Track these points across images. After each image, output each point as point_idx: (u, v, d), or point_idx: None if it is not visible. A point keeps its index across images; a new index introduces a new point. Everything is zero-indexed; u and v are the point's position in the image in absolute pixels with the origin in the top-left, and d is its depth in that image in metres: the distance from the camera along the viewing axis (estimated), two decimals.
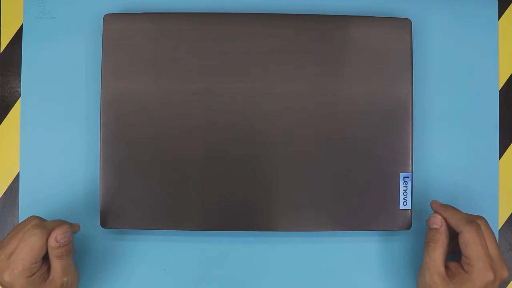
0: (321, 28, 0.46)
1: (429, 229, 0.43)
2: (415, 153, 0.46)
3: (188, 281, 0.47)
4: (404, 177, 0.45)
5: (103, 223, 0.45)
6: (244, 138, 0.45)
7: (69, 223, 0.42)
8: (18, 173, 0.47)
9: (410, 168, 0.45)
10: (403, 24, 0.46)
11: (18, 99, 0.48)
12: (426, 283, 0.41)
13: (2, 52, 0.49)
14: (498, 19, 0.50)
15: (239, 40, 0.45)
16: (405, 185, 0.45)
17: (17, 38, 0.48)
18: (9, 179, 0.48)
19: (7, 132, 0.48)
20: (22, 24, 0.48)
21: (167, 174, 0.45)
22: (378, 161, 0.45)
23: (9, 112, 0.48)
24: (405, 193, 0.45)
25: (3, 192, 0.48)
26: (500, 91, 0.49)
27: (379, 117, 0.45)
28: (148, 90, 0.45)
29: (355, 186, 0.45)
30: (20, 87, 0.48)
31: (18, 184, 0.47)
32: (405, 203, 0.45)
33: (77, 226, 0.43)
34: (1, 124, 0.48)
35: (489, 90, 0.49)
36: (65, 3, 0.48)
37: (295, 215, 0.45)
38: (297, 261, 0.47)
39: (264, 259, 0.47)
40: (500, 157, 0.49)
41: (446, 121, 0.48)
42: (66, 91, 0.48)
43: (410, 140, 0.45)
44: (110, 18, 0.45)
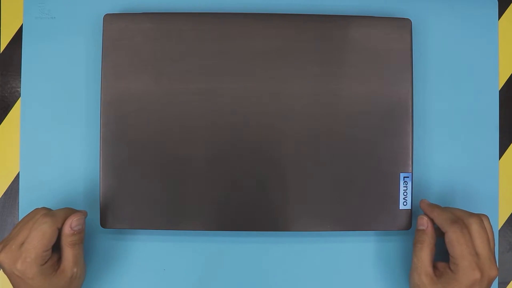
0: (321, 28, 0.46)
1: (417, 230, 0.43)
2: (415, 153, 0.46)
3: (188, 281, 0.47)
4: (404, 177, 0.45)
5: (103, 223, 0.45)
6: (244, 138, 0.45)
7: (77, 210, 0.43)
8: (18, 173, 0.47)
9: (410, 168, 0.45)
10: (403, 24, 0.46)
11: (18, 99, 0.48)
12: (415, 284, 0.42)
13: (2, 52, 0.49)
14: (498, 19, 0.50)
15: (239, 40, 0.45)
16: (405, 185, 0.45)
17: (17, 38, 0.48)
18: (9, 179, 0.48)
19: (7, 132, 0.48)
20: (22, 24, 0.48)
21: (167, 174, 0.45)
22: (378, 161, 0.45)
23: (9, 112, 0.48)
24: (405, 193, 0.45)
25: (3, 192, 0.48)
26: (500, 91, 0.49)
27: (379, 117, 0.45)
28: (148, 90, 0.45)
29: (355, 186, 0.45)
30: (20, 87, 0.48)
31: (18, 184, 0.47)
32: (405, 203, 0.45)
33: (85, 213, 0.44)
34: (1, 124, 0.48)
35: (489, 90, 0.49)
36: (65, 3, 0.48)
37: (295, 215, 0.45)
38: (297, 261, 0.47)
39: (264, 259, 0.47)
40: (500, 157, 0.49)
41: (446, 121, 0.48)
42: (66, 91, 0.48)
43: (410, 140, 0.45)
44: (110, 18, 0.45)
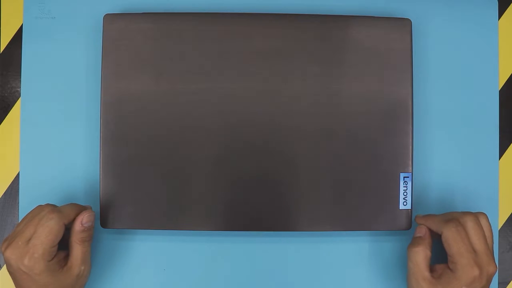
0: (321, 28, 0.46)
1: (414, 238, 0.44)
2: (415, 153, 0.46)
3: (188, 281, 0.47)
4: (404, 177, 0.45)
5: (103, 223, 0.45)
6: (244, 138, 0.45)
7: (82, 206, 0.43)
8: (18, 173, 0.47)
9: (410, 168, 0.45)
10: (403, 24, 0.46)
11: (18, 99, 0.48)
12: None
13: (2, 52, 0.49)
14: (498, 19, 0.50)
15: (239, 40, 0.45)
16: (405, 185, 0.45)
17: (17, 38, 0.48)
18: (9, 179, 0.48)
19: (7, 132, 0.48)
20: (22, 24, 0.48)
21: (167, 174, 0.45)
22: (378, 161, 0.45)
23: (9, 112, 0.48)
24: (405, 193, 0.45)
25: (3, 192, 0.48)
26: (500, 91, 0.49)
27: (379, 117, 0.45)
28: (148, 90, 0.45)
29: (355, 186, 0.45)
30: (20, 87, 0.48)
31: (18, 184, 0.47)
32: (405, 203, 0.45)
33: (90, 208, 0.44)
34: (1, 124, 0.48)
35: (489, 90, 0.49)
36: (65, 3, 0.48)
37: (295, 215, 0.45)
38: (297, 261, 0.47)
39: (264, 259, 0.47)
40: (500, 157, 0.49)
41: (446, 121, 0.48)
42: (66, 91, 0.48)
43: (410, 140, 0.45)
44: (110, 18, 0.45)
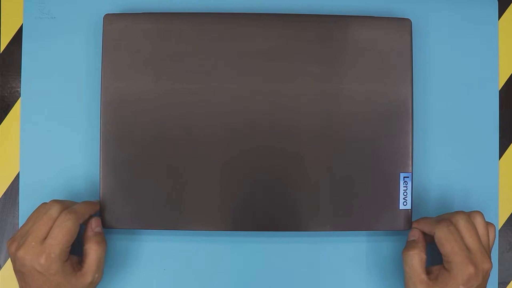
0: (321, 28, 0.46)
1: (408, 242, 0.44)
2: (415, 153, 0.46)
3: (188, 281, 0.47)
4: (404, 177, 0.45)
5: (103, 223, 0.45)
6: (243, 138, 0.45)
7: (93, 203, 0.44)
8: (18, 173, 0.47)
9: (410, 168, 0.45)
10: (403, 24, 0.46)
11: (18, 99, 0.48)
12: None
13: (2, 52, 0.49)
14: (498, 19, 0.50)
15: (239, 40, 0.45)
16: (405, 185, 0.45)
17: (17, 38, 0.48)
18: (9, 179, 0.48)
19: (7, 132, 0.48)
20: (22, 24, 0.48)
21: (167, 174, 0.45)
22: (378, 161, 0.45)
23: (9, 112, 0.48)
24: (405, 193, 0.45)
25: (3, 192, 0.48)
26: (500, 91, 0.49)
27: (379, 117, 0.45)
28: (148, 90, 0.45)
29: (355, 186, 0.45)
30: (20, 87, 0.48)
31: (18, 184, 0.47)
32: (405, 203, 0.45)
33: (98, 203, 0.45)
34: (1, 124, 0.48)
35: (489, 90, 0.49)
36: (65, 3, 0.48)
37: (295, 215, 0.45)
38: (297, 261, 0.47)
39: (264, 259, 0.47)
40: (500, 157, 0.49)
41: (446, 121, 0.48)
42: (66, 91, 0.48)
43: (410, 140, 0.45)
44: (110, 18, 0.45)
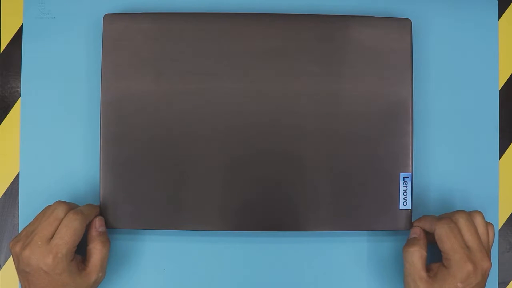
0: (321, 28, 0.46)
1: (409, 239, 0.44)
2: (415, 153, 0.46)
3: (188, 281, 0.47)
4: (404, 177, 0.45)
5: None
6: (244, 138, 0.45)
7: (97, 206, 0.44)
8: (18, 173, 0.47)
9: (410, 168, 0.45)
10: (403, 24, 0.46)
11: (18, 99, 0.48)
12: None
13: (2, 52, 0.49)
14: (498, 19, 0.50)
15: (239, 40, 0.45)
16: (405, 185, 0.45)
17: (17, 38, 0.48)
18: (9, 179, 0.48)
19: (7, 132, 0.48)
20: (22, 24, 0.48)
21: (167, 174, 0.45)
22: (378, 161, 0.45)
23: (9, 112, 0.48)
24: (405, 193, 0.45)
25: (3, 192, 0.48)
26: (500, 91, 0.49)
27: (379, 117, 0.45)
28: (148, 90, 0.45)
29: (355, 186, 0.45)
30: (20, 87, 0.48)
31: (18, 184, 0.47)
32: (405, 203, 0.45)
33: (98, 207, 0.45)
34: (1, 124, 0.48)
35: (489, 90, 0.49)
36: (65, 3, 0.48)
37: (295, 215, 0.45)
38: (297, 261, 0.47)
39: (264, 259, 0.47)
40: (500, 157, 0.49)
41: (446, 121, 0.48)
42: (66, 91, 0.48)
43: (410, 140, 0.45)
44: (110, 18, 0.45)
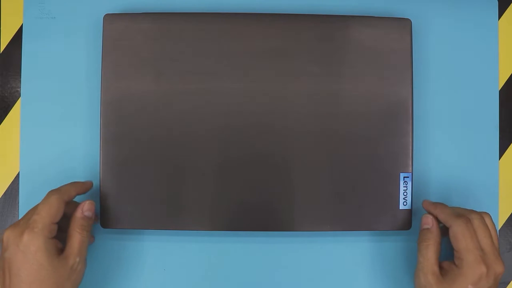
0: (321, 28, 0.46)
1: (421, 230, 0.43)
2: (415, 153, 0.46)
3: (188, 281, 0.47)
4: (404, 177, 0.45)
5: (103, 223, 0.45)
6: (244, 138, 0.45)
7: (81, 182, 0.44)
8: (18, 173, 0.47)
9: (410, 168, 0.45)
10: (403, 24, 0.46)
11: (18, 99, 0.48)
12: (421, 284, 0.41)
13: (2, 52, 0.49)
14: (498, 19, 0.50)
15: (239, 40, 0.45)
16: (405, 185, 0.45)
17: (17, 38, 0.48)
18: (9, 179, 0.48)
19: (7, 132, 0.48)
20: (22, 24, 0.48)
21: (167, 174, 0.45)
22: (378, 161, 0.45)
23: (9, 112, 0.48)
24: (405, 193, 0.45)
25: (3, 192, 0.48)
26: (500, 91, 0.49)
27: (379, 117, 0.45)
28: (148, 90, 0.45)
29: (355, 186, 0.45)
30: (20, 87, 0.48)
31: (18, 184, 0.47)
32: (405, 203, 0.45)
33: (91, 185, 0.45)
34: (1, 124, 0.48)
35: (489, 90, 0.49)
36: (65, 3, 0.48)
37: (295, 215, 0.45)
38: (297, 261, 0.47)
39: (264, 259, 0.47)
40: (500, 157, 0.49)
41: (446, 121, 0.48)
42: (66, 91, 0.48)
43: (410, 140, 0.45)
44: (110, 18, 0.45)
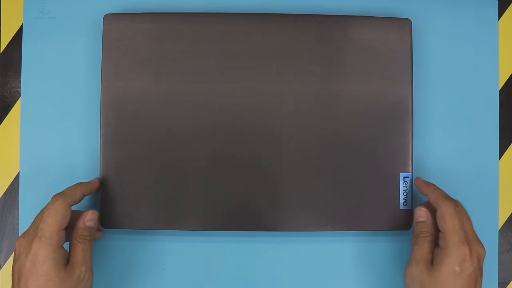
0: (321, 28, 0.46)
1: (416, 223, 0.43)
2: (415, 153, 0.46)
3: (188, 281, 0.47)
4: (404, 177, 0.45)
5: (103, 223, 0.45)
6: (244, 138, 0.45)
7: (87, 183, 0.43)
8: (18, 173, 0.47)
9: (410, 168, 0.45)
10: (403, 24, 0.46)
11: (18, 99, 0.48)
12: (412, 272, 0.41)
13: (2, 52, 0.49)
14: (498, 19, 0.50)
15: (239, 40, 0.45)
16: (405, 185, 0.45)
17: (17, 38, 0.48)
18: (9, 179, 0.48)
19: (7, 132, 0.48)
20: (22, 24, 0.48)
21: (167, 174, 0.45)
22: (378, 161, 0.45)
23: (9, 112, 0.48)
24: (405, 193, 0.45)
25: (3, 192, 0.48)
26: (500, 91, 0.49)
27: (379, 117, 0.45)
28: (148, 90, 0.45)
29: (355, 186, 0.45)
30: (20, 87, 0.48)
31: (18, 184, 0.47)
32: (405, 203, 0.45)
33: (96, 183, 0.44)
34: (1, 124, 0.48)
35: (489, 90, 0.49)
36: (65, 3, 0.48)
37: (295, 215, 0.45)
38: (297, 261, 0.47)
39: (264, 259, 0.47)
40: (500, 157, 0.49)
41: (446, 121, 0.48)
42: (66, 91, 0.48)
43: (410, 140, 0.45)
44: (110, 18, 0.45)
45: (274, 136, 0.45)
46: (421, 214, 0.43)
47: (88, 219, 0.42)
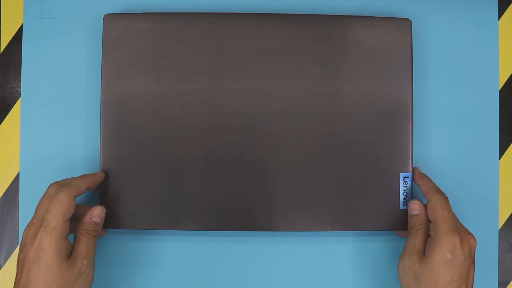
0: (321, 28, 0.46)
1: (411, 216, 0.44)
2: (415, 153, 0.46)
3: (188, 281, 0.47)
4: (404, 177, 0.45)
5: (104, 223, 0.45)
6: (244, 138, 0.45)
7: (91, 175, 0.44)
8: (18, 173, 0.47)
9: (410, 168, 0.45)
10: (403, 24, 0.46)
11: (18, 99, 0.48)
12: (406, 264, 0.42)
13: (2, 52, 0.49)
14: (498, 19, 0.50)
15: (239, 40, 0.45)
16: (405, 185, 0.45)
17: (17, 38, 0.48)
18: (9, 179, 0.48)
19: (7, 132, 0.48)
20: (22, 24, 0.48)
21: (167, 174, 0.45)
22: (378, 161, 0.45)
23: (9, 112, 0.48)
24: (405, 193, 0.45)
25: (3, 192, 0.48)
26: (500, 91, 0.49)
27: (379, 117, 0.45)
28: (148, 90, 0.45)
29: (355, 186, 0.45)
30: (20, 87, 0.48)
31: (18, 184, 0.47)
32: (405, 203, 0.45)
33: (101, 176, 0.44)
34: (1, 124, 0.48)
35: (489, 90, 0.49)
36: (65, 3, 0.48)
37: (295, 215, 0.45)
38: (297, 261, 0.47)
39: (264, 259, 0.47)
40: (500, 157, 0.49)
41: (446, 121, 0.48)
42: (66, 91, 0.48)
43: (410, 140, 0.45)
44: (110, 18, 0.45)
45: (274, 136, 0.45)
46: (416, 208, 0.44)
47: (96, 215, 0.42)
